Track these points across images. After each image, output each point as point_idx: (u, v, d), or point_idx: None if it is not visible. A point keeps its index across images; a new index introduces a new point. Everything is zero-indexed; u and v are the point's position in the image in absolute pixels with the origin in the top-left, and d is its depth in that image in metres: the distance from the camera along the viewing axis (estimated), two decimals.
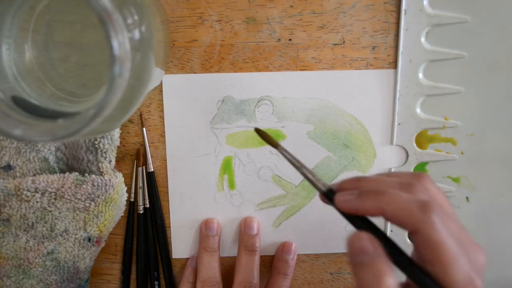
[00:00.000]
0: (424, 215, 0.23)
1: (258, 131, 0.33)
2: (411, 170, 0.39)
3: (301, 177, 0.39)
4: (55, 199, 0.35)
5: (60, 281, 0.37)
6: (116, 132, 0.36)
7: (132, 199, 0.39)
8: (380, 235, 0.25)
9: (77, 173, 0.35)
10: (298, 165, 0.29)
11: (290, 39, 0.37)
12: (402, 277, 0.25)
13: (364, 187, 0.26)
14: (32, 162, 0.35)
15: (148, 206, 0.39)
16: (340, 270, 0.42)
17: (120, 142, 0.37)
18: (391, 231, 0.41)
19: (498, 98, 0.38)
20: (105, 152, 0.36)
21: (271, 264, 0.41)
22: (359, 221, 0.26)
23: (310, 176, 0.28)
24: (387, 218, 0.25)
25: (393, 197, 0.24)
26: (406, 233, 0.40)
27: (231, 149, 0.39)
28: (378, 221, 0.26)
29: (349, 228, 0.28)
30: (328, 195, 0.27)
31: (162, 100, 0.37)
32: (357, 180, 0.27)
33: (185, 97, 0.37)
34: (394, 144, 0.39)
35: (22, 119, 0.24)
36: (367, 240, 0.24)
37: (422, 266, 0.24)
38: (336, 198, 0.26)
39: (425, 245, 0.23)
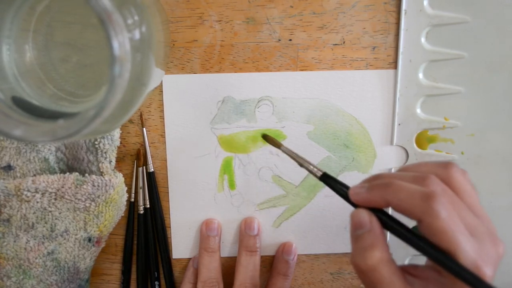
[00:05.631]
0: (426, 205, 0.24)
1: (265, 137, 0.37)
2: None
3: (301, 177, 0.39)
4: (55, 199, 0.35)
5: (60, 281, 0.37)
6: (116, 133, 0.36)
7: (132, 199, 0.39)
8: (388, 216, 0.26)
9: (77, 173, 0.35)
10: (300, 161, 0.32)
11: (290, 39, 0.37)
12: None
13: (376, 181, 0.27)
14: (32, 163, 0.35)
15: (148, 206, 0.39)
16: (340, 270, 0.42)
17: (120, 142, 0.37)
18: None
19: (498, 98, 0.38)
20: (105, 152, 0.36)
21: (271, 264, 0.41)
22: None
23: (311, 167, 0.31)
24: (394, 209, 0.26)
25: (398, 188, 0.25)
26: None
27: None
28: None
29: (350, 228, 0.29)
30: (325, 180, 0.30)
31: (162, 100, 0.37)
32: (376, 176, 0.28)
33: (185, 97, 0.37)
34: (394, 144, 0.39)
35: (22, 120, 0.24)
36: (364, 215, 0.26)
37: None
38: (350, 191, 0.28)
39: (429, 233, 0.24)
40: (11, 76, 0.27)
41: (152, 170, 0.39)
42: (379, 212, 0.27)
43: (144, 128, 0.38)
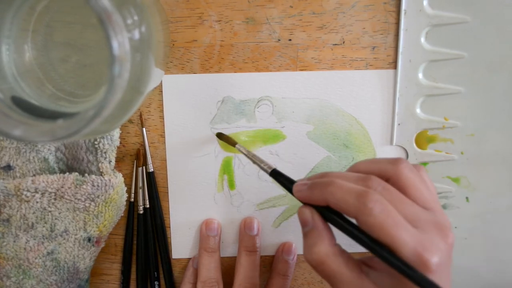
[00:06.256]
0: (359, 203, 0.25)
1: (219, 135, 0.37)
2: None
3: (300, 177, 0.39)
4: (55, 199, 0.35)
5: (60, 281, 0.37)
6: (116, 132, 0.36)
7: (132, 199, 0.39)
8: (332, 212, 0.27)
9: (77, 173, 0.35)
10: (253, 159, 0.33)
11: (290, 39, 0.37)
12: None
13: (318, 179, 0.28)
14: (32, 163, 0.35)
15: (148, 206, 0.39)
16: None
17: (120, 142, 0.37)
18: None
19: (498, 98, 0.38)
20: (105, 153, 0.36)
21: (271, 264, 0.41)
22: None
23: (262, 164, 0.32)
24: (333, 208, 0.26)
25: (336, 188, 0.26)
26: None
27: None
28: None
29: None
30: (275, 176, 0.31)
31: (162, 100, 0.37)
32: (323, 174, 0.29)
33: (185, 97, 0.37)
34: (394, 144, 0.39)
35: (21, 120, 0.24)
36: (307, 213, 0.28)
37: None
38: (293, 188, 0.29)
39: (368, 230, 0.25)
40: (10, 76, 0.27)
41: (151, 170, 0.39)
42: (324, 207, 0.27)
43: (144, 128, 0.38)
